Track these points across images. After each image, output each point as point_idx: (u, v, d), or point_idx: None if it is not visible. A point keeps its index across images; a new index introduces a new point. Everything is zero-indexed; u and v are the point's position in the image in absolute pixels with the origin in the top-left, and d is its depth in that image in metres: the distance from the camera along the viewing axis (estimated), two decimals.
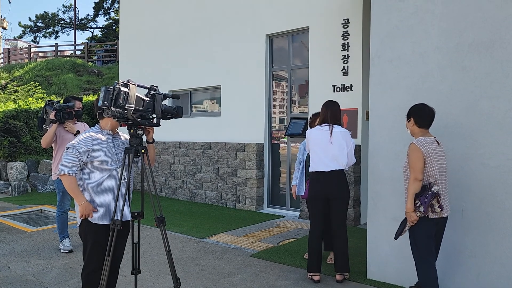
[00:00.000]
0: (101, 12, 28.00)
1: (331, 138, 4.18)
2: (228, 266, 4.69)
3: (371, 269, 4.28)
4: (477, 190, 3.67)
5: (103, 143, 3.05)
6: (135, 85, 2.98)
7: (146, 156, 3.12)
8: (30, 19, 31.71)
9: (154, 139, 3.34)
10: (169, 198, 9.34)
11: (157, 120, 3.09)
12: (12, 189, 9.68)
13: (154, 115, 3.10)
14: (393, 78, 4.15)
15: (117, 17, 25.80)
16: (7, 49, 25.56)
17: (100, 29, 28.88)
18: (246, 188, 8.04)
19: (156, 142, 9.60)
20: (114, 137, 3.17)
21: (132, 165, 3.13)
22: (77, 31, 28.42)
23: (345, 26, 6.84)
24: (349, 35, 6.80)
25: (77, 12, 27.75)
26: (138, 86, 3.04)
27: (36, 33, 28.82)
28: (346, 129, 4.31)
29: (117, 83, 2.92)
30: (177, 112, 3.19)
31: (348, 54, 6.82)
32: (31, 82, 15.77)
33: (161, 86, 7.64)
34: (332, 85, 6.97)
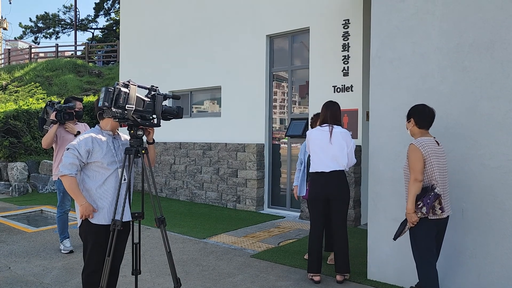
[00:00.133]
0: (102, 13, 28.04)
1: (331, 139, 4.18)
2: (229, 267, 4.69)
3: (372, 270, 4.27)
4: (478, 191, 3.67)
5: (103, 144, 3.05)
6: (136, 86, 2.98)
7: (147, 157, 3.12)
8: (31, 20, 31.73)
9: (155, 140, 3.34)
10: (170, 199, 9.34)
11: (158, 121, 3.09)
12: (13, 190, 9.69)
13: (155, 116, 3.11)
14: (394, 79, 4.15)
15: (118, 18, 25.82)
16: (8, 50, 25.62)
17: (101, 30, 28.92)
18: (247, 189, 8.04)
19: (157, 143, 9.61)
20: (114, 138, 3.17)
21: (133, 166, 3.13)
22: (78, 32, 28.48)
23: (346, 27, 6.85)
24: (350, 36, 6.81)
25: (78, 13, 27.74)
26: (139, 87, 3.04)
27: (37, 34, 28.86)
28: (347, 130, 4.31)
29: (118, 84, 2.92)
30: (178, 113, 3.19)
31: (349, 55, 6.82)
32: (32, 83, 15.79)
33: (162, 87, 7.65)
34: (333, 86, 6.97)
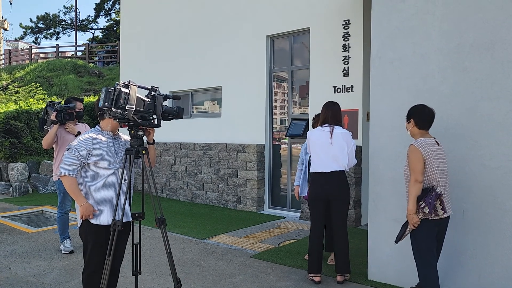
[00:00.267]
0: (102, 13, 28.05)
1: (332, 139, 4.17)
2: (229, 267, 4.68)
3: (372, 270, 4.27)
4: (478, 191, 3.67)
5: (104, 144, 3.05)
6: (136, 86, 2.98)
7: (147, 157, 3.12)
8: (31, 20, 31.81)
9: (155, 140, 3.34)
10: (170, 199, 9.34)
11: (158, 121, 3.09)
12: (13, 190, 9.69)
13: (155, 116, 3.11)
14: (394, 79, 4.15)
15: (118, 18, 25.82)
16: (8, 50, 25.65)
17: (101, 30, 28.93)
18: (247, 189, 8.04)
19: (157, 143, 9.61)
20: (115, 138, 3.17)
21: (133, 166, 3.13)
22: (78, 32, 28.50)
23: (346, 27, 6.85)
24: (350, 36, 6.81)
25: (78, 13, 27.73)
26: (139, 87, 3.05)
27: (37, 34, 28.87)
28: (347, 130, 4.31)
29: (118, 84, 2.92)
30: (178, 113, 3.19)
31: (349, 55, 6.82)
32: (32, 83, 15.79)
33: (162, 87, 7.63)
34: (333, 86, 6.97)
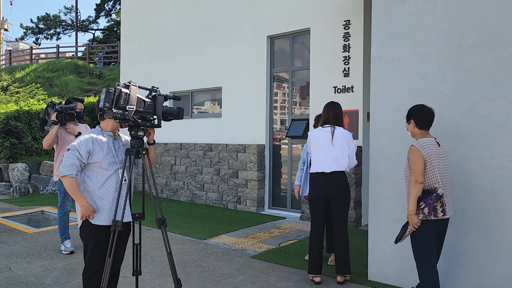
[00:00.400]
0: (103, 14, 28.06)
1: (333, 140, 4.17)
2: (229, 268, 4.68)
3: (372, 271, 4.27)
4: (478, 192, 3.66)
5: (104, 145, 3.05)
6: (136, 87, 2.98)
7: (147, 158, 3.12)
8: (32, 21, 31.82)
9: (155, 141, 3.34)
10: (170, 200, 9.34)
11: (158, 122, 3.10)
12: (14, 191, 9.69)
13: (155, 117, 3.11)
14: (394, 80, 4.15)
15: (119, 19, 25.84)
16: (9, 51, 25.64)
17: (102, 31, 28.94)
18: (247, 190, 8.04)
19: (157, 144, 9.61)
20: (115, 139, 3.17)
21: (133, 167, 3.13)
22: (79, 33, 28.56)
23: (346, 28, 6.85)
24: (350, 37, 6.81)
25: (79, 14, 27.77)
26: (139, 88, 3.05)
27: (38, 35, 28.89)
28: (348, 131, 4.31)
29: (118, 85, 2.92)
30: (178, 114, 3.20)
31: (349, 55, 6.82)
32: (33, 84, 15.81)
33: (162, 88, 7.63)
34: (333, 86, 6.97)
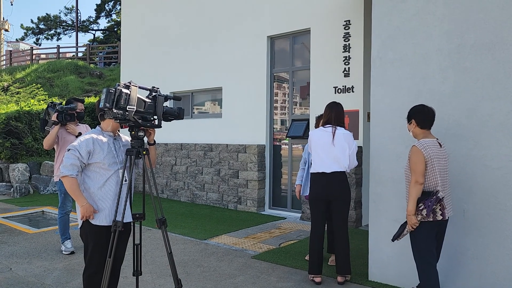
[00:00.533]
0: (103, 14, 28.08)
1: (334, 140, 4.17)
2: (230, 268, 4.68)
3: (373, 271, 4.27)
4: (479, 192, 3.66)
5: (104, 145, 3.05)
6: (137, 87, 2.98)
7: (147, 158, 3.12)
8: (32, 21, 31.78)
9: (156, 141, 3.34)
10: (171, 200, 9.34)
11: (159, 122, 3.10)
12: (14, 191, 9.70)
13: (156, 117, 3.11)
14: (395, 80, 4.15)
15: (119, 19, 25.85)
16: (9, 51, 25.66)
17: (102, 31, 28.95)
18: (248, 190, 8.04)
19: (158, 144, 9.61)
20: (115, 139, 3.17)
21: (133, 167, 3.13)
22: (79, 33, 28.62)
23: (347, 28, 6.85)
24: (351, 37, 6.80)
25: (79, 14, 27.76)
26: (140, 88, 3.05)
27: (38, 35, 28.90)
28: (349, 131, 4.30)
29: (119, 85, 2.92)
30: (179, 114, 3.20)
31: (350, 56, 6.82)
32: (33, 84, 15.81)
33: (163, 88, 7.65)
34: (334, 87, 6.97)
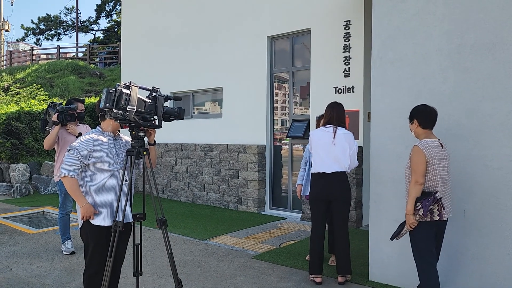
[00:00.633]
0: (103, 15, 28.10)
1: (334, 140, 4.17)
2: (230, 268, 4.68)
3: (373, 271, 4.27)
4: (480, 192, 3.66)
5: (105, 145, 3.05)
6: (137, 87, 2.98)
7: (148, 158, 3.12)
8: (33, 22, 31.85)
9: (156, 141, 3.34)
10: (171, 200, 9.34)
11: (159, 122, 3.10)
12: (14, 191, 9.70)
13: (156, 117, 3.11)
14: (395, 80, 4.15)
15: (119, 19, 25.85)
16: (10, 52, 25.67)
17: (102, 31, 28.97)
18: (248, 190, 8.03)
19: (158, 144, 9.61)
20: (116, 139, 3.17)
21: (134, 167, 3.13)
22: (79, 34, 28.63)
23: (347, 28, 6.85)
24: (351, 37, 6.80)
25: (79, 15, 27.78)
26: (140, 88, 3.05)
27: (39, 36, 28.91)
28: (349, 132, 4.30)
29: (119, 85, 2.92)
30: (179, 114, 3.20)
31: (350, 56, 6.82)
32: (34, 84, 15.82)
33: (163, 88, 7.64)
34: (334, 87, 6.97)
